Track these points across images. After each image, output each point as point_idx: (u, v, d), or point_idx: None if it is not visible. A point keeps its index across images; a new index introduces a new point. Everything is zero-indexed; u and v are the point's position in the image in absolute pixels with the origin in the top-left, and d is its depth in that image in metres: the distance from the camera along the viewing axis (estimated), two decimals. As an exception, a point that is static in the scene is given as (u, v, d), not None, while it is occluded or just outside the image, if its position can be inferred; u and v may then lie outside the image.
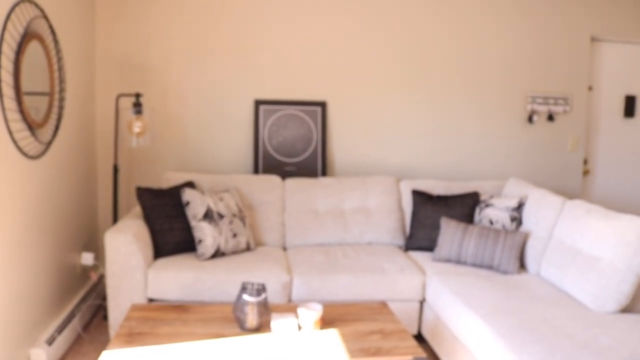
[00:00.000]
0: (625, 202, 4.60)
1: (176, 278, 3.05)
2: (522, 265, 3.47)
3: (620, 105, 4.51)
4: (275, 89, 4.07)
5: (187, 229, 3.34)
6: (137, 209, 3.52)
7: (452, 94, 4.26)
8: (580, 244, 3.05)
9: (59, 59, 3.10)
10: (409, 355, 2.29)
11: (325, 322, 2.60)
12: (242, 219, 3.47)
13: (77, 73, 3.51)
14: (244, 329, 2.46)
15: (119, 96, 3.59)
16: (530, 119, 4.29)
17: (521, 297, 2.89)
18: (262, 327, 2.51)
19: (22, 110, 2.61)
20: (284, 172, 4.04)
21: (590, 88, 4.46)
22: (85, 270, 3.67)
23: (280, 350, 2.28)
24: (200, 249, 3.24)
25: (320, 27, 4.08)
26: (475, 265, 3.42)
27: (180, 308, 2.69)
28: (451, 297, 2.95)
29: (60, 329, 3.01)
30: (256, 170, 4.00)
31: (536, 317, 2.61)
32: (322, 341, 2.38)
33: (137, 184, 4.02)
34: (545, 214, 3.38)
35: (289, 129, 4.04)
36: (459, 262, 3.45)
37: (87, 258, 3.54)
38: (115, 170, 3.59)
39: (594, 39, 4.39)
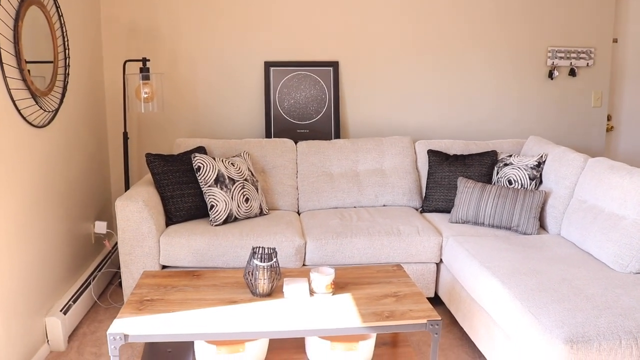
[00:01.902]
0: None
1: (188, 244, 3.03)
2: (543, 226, 3.38)
3: (646, 58, 4.32)
4: (285, 50, 3.95)
5: (199, 195, 3.30)
6: (148, 176, 3.49)
7: (468, 51, 4.10)
8: (602, 203, 2.94)
9: (62, 25, 3.03)
10: (423, 319, 2.24)
11: (338, 286, 2.56)
12: (255, 184, 3.42)
13: (82, 39, 3.44)
14: (256, 295, 2.43)
15: (126, 62, 3.52)
16: (550, 75, 4.12)
17: (540, 258, 2.81)
18: (274, 292, 2.47)
19: (24, 79, 2.56)
20: (297, 135, 3.96)
21: (615, 40, 4.25)
22: (100, 239, 3.68)
23: (293, 316, 2.25)
24: (213, 214, 3.21)
25: (330, -16, 3.93)
26: (493, 226, 3.34)
27: (191, 274, 2.67)
28: (468, 258, 2.88)
29: (75, 298, 3.02)
30: (268, 134, 3.93)
31: (555, 278, 2.54)
32: (335, 306, 2.34)
33: (148, 150, 3.98)
34: (566, 172, 3.26)
35: (301, 90, 3.93)
36: (476, 223, 3.37)
37: (101, 226, 3.54)
38: (125, 137, 3.56)
39: (618, -13, 4.18)
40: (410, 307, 2.34)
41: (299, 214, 3.64)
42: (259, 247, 2.46)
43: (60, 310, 2.84)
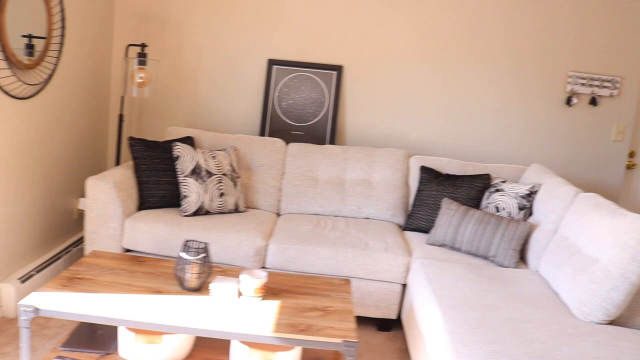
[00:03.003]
0: (677, 204, 4.06)
1: (151, 231, 3.05)
2: (524, 259, 3.16)
3: (682, 93, 3.94)
4: (290, 50, 3.91)
5: (176, 184, 3.33)
6: (134, 160, 3.56)
7: (481, 69, 3.89)
8: (581, 242, 2.71)
9: (60, 2, 3.13)
10: (338, 338, 2.13)
11: (273, 291, 2.49)
12: (234, 179, 3.40)
13: (87, 18, 3.53)
14: (184, 288, 2.41)
15: (128, 46, 3.60)
16: (568, 102, 3.84)
17: (501, 293, 2.62)
18: (204, 288, 2.44)
19: (4, 50, 2.66)
20: (291, 136, 3.91)
21: (647, 71, 3.92)
22: (83, 216, 3.78)
23: (210, 314, 2.20)
24: (184, 204, 3.22)
25: (345, -13, 3.85)
26: (470, 253, 3.15)
27: (135, 259, 2.67)
28: (424, 283, 2.73)
29: (40, 269, 3.11)
30: (263, 133, 3.90)
31: (504, 316, 2.35)
32: (256, 311, 2.28)
33: (145, 135, 4.06)
34: (555, 205, 3.03)
35: (301, 92, 3.88)
36: (453, 247, 3.20)
37: (85, 203, 3.64)
38: (121, 119, 3.64)
39: (656, 14, 3.84)
40: (332, 324, 2.23)
41: (278, 216, 3.60)
42: (192, 241, 2.43)
43: (19, 279, 2.93)
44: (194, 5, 3.90)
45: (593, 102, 3.83)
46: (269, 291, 2.49)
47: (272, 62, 3.89)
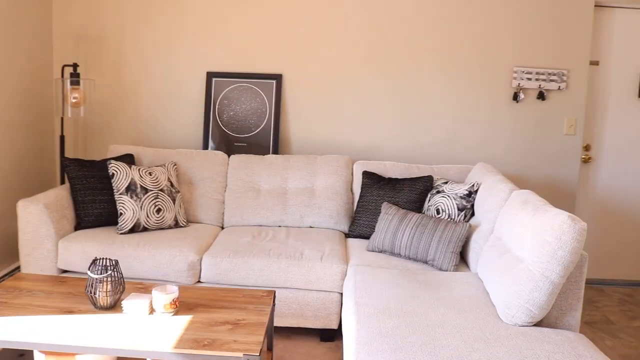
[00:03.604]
0: (636, 195, 3.96)
1: (84, 250, 3.02)
2: (466, 261, 3.09)
3: (634, 84, 3.85)
4: (229, 62, 3.88)
5: (113, 202, 3.30)
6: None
7: (424, 68, 3.84)
8: (510, 242, 2.63)
9: None
10: (240, 352, 2.08)
11: (187, 306, 2.44)
12: (172, 195, 3.38)
13: (23, 42, 3.55)
14: (97, 307, 2.37)
15: (63, 66, 3.60)
16: (515, 97, 3.77)
17: (429, 299, 2.54)
18: (117, 306, 2.41)
19: None
20: (234, 148, 3.87)
21: (595, 63, 3.83)
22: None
23: (122, 333, 2.16)
24: (120, 222, 3.19)
25: (283, -5, 3.83)
26: (409, 257, 3.08)
27: (57, 280, 2.64)
28: (350, 291, 2.67)
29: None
30: (206, 146, 3.87)
31: (421, 323, 2.28)
32: (164, 327, 2.23)
33: (89, 154, 4.04)
34: (491, 204, 2.96)
35: (241, 103, 3.85)
36: (393, 253, 3.13)
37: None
38: (62, 140, 3.63)
39: (598, 5, 3.76)
40: (238, 338, 2.18)
41: (222, 229, 3.56)
42: (101, 258, 2.39)
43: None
44: (130, 22, 3.89)
45: (541, 96, 3.76)
46: (184, 306, 2.45)
47: (211, 75, 3.86)
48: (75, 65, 3.47)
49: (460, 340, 2.15)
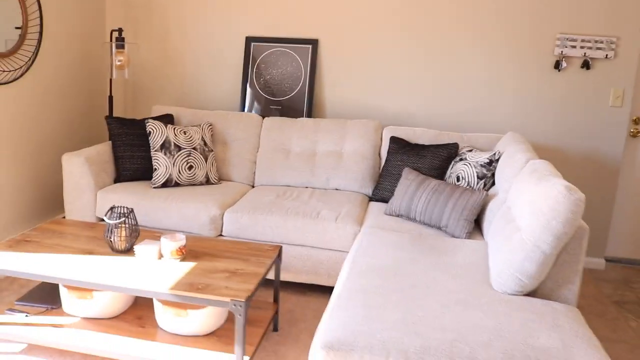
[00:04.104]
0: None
1: (119, 201, 3.29)
2: (481, 229, 3.05)
3: (693, 52, 3.53)
4: (267, 26, 3.98)
5: (150, 158, 3.55)
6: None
7: (461, 35, 3.74)
8: (515, 211, 2.58)
9: (38, 1, 3.42)
10: (228, 297, 2.23)
11: (194, 254, 2.62)
12: (205, 153, 3.57)
13: (75, 10, 3.83)
14: (113, 250, 2.61)
15: (111, 31, 3.85)
16: (557, 66, 3.58)
17: (428, 263, 2.57)
18: (131, 250, 2.63)
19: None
20: (270, 111, 4.00)
21: (650, 28, 3.55)
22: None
23: (127, 273, 2.38)
24: (154, 177, 3.43)
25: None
26: (424, 223, 3.09)
27: (88, 225, 2.92)
28: (353, 250, 2.74)
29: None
30: (243, 108, 4.02)
31: (409, 284, 2.31)
32: (170, 271, 2.43)
33: (135, 114, 4.31)
34: (508, 173, 2.90)
35: (277, 67, 3.95)
36: (409, 217, 3.15)
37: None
38: (110, 100, 3.92)
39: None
40: (231, 285, 2.33)
41: (252, 187, 3.72)
42: (118, 207, 2.62)
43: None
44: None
45: (586, 65, 3.55)
46: (192, 254, 2.64)
47: (250, 40, 3.99)
48: (120, 30, 3.71)
49: (439, 302, 2.17)
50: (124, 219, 2.54)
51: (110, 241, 2.58)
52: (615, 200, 3.83)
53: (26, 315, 2.60)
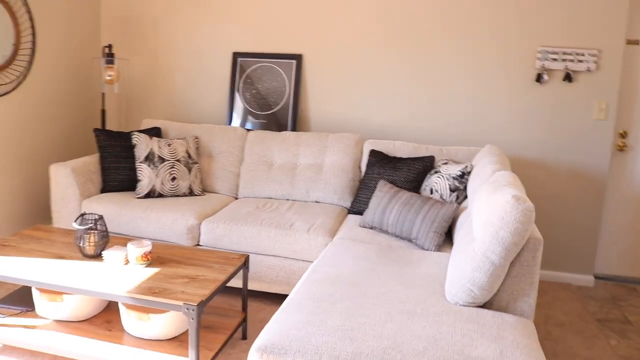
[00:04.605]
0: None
1: (102, 210, 3.39)
2: (453, 241, 3.04)
3: (679, 65, 3.48)
4: (253, 42, 4.08)
5: (135, 170, 3.66)
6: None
7: (443, 50, 3.77)
8: (473, 222, 2.58)
9: (30, 19, 3.59)
10: (181, 301, 2.29)
11: (162, 260, 2.69)
12: (188, 165, 3.66)
13: (69, 27, 4.01)
14: (84, 255, 2.70)
15: (103, 47, 4.01)
16: (539, 79, 3.56)
17: (388, 274, 2.58)
18: (101, 255, 2.72)
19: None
20: (256, 124, 4.08)
21: (634, 42, 3.51)
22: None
23: (93, 277, 2.46)
24: (138, 187, 3.53)
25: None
26: (396, 235, 3.11)
27: (65, 232, 3.02)
28: (315, 262, 2.76)
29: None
30: (230, 122, 4.11)
31: (360, 293, 2.32)
32: (132, 275, 2.50)
33: (126, 127, 4.44)
34: (476, 185, 2.90)
35: (263, 82, 4.03)
36: (381, 230, 3.17)
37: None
38: (103, 114, 4.06)
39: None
40: (187, 290, 2.39)
41: (235, 199, 3.79)
42: (88, 213, 2.71)
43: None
44: (167, 7, 4.21)
45: (568, 78, 3.53)
46: (159, 260, 2.71)
47: (236, 55, 4.09)
48: (109, 46, 3.86)
49: (385, 311, 2.18)
50: (91, 225, 2.64)
51: (80, 247, 2.67)
52: (602, 215, 3.77)
53: (2, 317, 2.71)
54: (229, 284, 3.31)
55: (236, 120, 4.12)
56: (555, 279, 3.84)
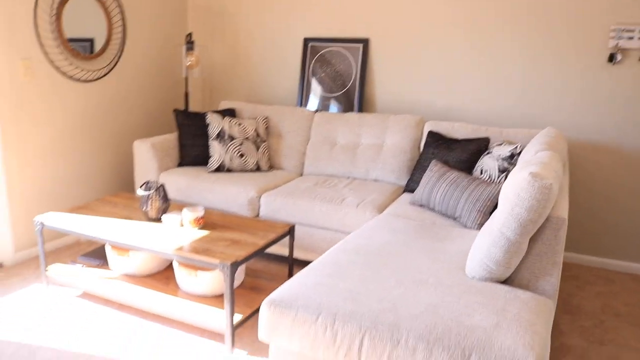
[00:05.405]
0: None
1: (176, 182, 3.76)
2: (497, 223, 3.01)
3: None
4: (322, 28, 4.24)
5: (208, 146, 3.99)
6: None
7: (511, 30, 3.66)
8: (499, 200, 2.55)
9: (121, 12, 4.03)
10: (217, 260, 2.53)
11: (213, 226, 2.97)
12: (257, 143, 3.92)
13: (159, 16, 4.43)
14: (147, 218, 3.06)
15: (186, 35, 4.38)
16: (611, 59, 3.35)
17: (418, 248, 2.65)
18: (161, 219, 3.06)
19: (63, 44, 3.61)
20: (324, 106, 4.24)
21: None
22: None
23: (152, 236, 2.80)
24: (209, 162, 3.87)
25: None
26: (441, 213, 3.14)
27: (138, 199, 3.42)
28: (352, 233, 2.88)
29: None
30: (300, 103, 4.32)
31: (382, 263, 2.42)
32: (185, 236, 2.80)
33: (208, 108, 4.80)
34: (518, 166, 2.84)
35: (332, 65, 4.18)
36: (429, 207, 3.21)
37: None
38: (186, 96, 4.45)
39: None
40: (226, 251, 2.63)
41: (300, 176, 4.00)
42: (152, 182, 3.05)
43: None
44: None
45: (644, 57, 3.29)
46: (211, 225, 2.99)
47: (307, 40, 4.28)
48: (190, 34, 4.23)
49: (399, 280, 2.26)
50: (152, 192, 2.98)
51: (144, 210, 3.03)
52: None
53: (82, 267, 3.15)
54: (282, 253, 3.52)
55: (306, 102, 4.32)
56: (626, 270, 3.62)
